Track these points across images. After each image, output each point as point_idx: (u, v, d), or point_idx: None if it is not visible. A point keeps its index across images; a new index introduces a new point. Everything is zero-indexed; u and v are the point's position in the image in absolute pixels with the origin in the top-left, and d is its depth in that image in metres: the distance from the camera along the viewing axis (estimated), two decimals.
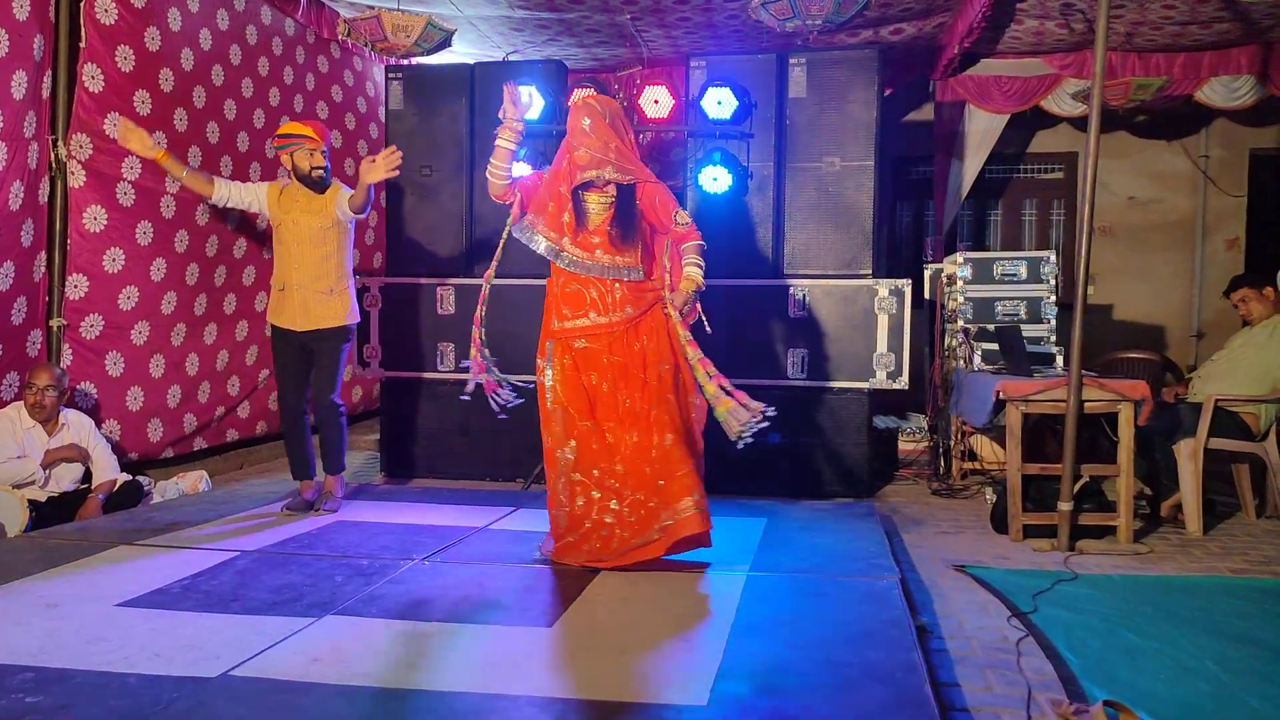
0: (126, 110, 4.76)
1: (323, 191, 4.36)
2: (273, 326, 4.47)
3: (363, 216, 4.42)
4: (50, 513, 4.17)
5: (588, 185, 3.58)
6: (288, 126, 4.36)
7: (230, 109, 5.62)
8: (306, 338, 4.39)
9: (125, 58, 4.74)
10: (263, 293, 5.82)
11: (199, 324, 5.50)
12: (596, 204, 3.61)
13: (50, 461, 4.26)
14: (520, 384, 3.71)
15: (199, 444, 5.57)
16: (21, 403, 4.26)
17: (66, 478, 4.36)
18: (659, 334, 3.63)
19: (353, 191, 4.34)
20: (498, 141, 3.62)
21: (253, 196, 4.40)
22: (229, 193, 4.37)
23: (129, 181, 4.84)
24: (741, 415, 3.46)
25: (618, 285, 3.59)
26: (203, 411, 5.56)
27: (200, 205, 5.30)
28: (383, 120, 6.64)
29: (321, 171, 4.33)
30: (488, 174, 3.63)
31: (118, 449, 4.80)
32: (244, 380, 5.91)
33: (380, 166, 4.14)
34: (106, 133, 4.65)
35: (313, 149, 4.30)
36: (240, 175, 5.64)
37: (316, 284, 4.36)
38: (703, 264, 3.60)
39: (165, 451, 5.28)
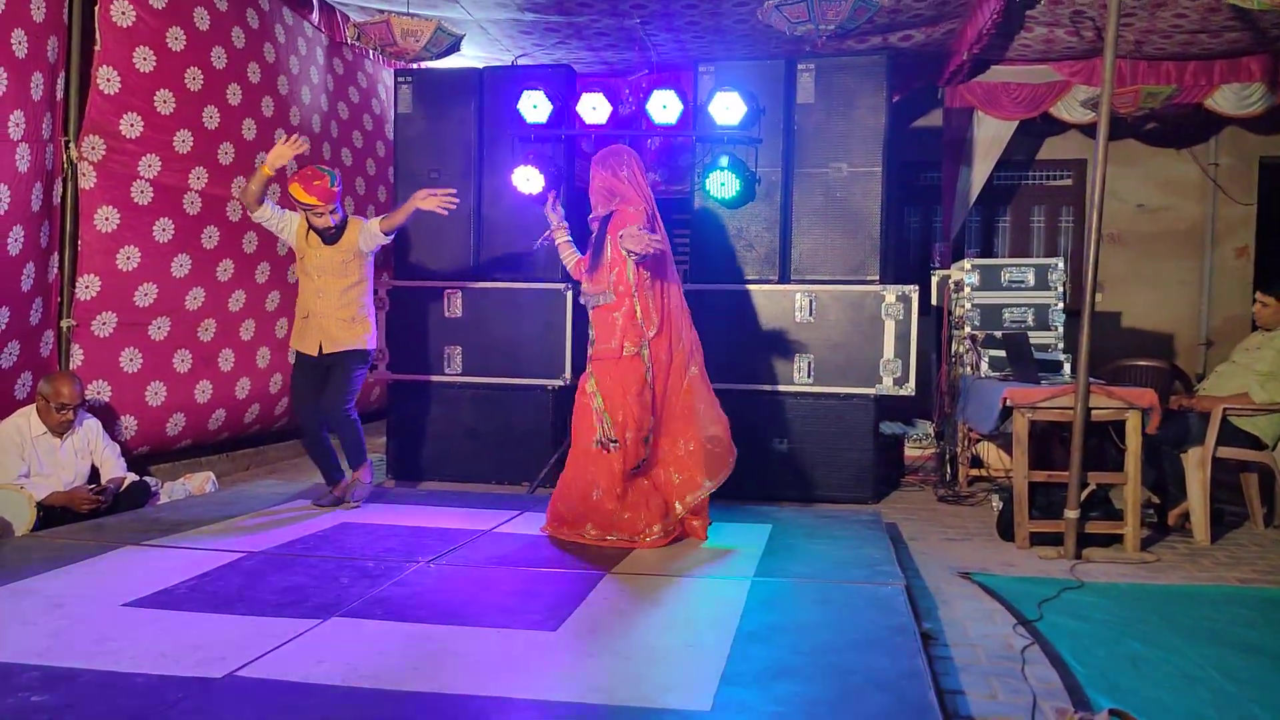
0: (146, 110, 4.78)
1: (338, 238, 4.43)
2: (294, 351, 4.59)
3: (389, 240, 4.47)
4: (58, 512, 4.17)
5: None
6: (297, 191, 4.28)
7: (268, 105, 5.67)
8: (326, 359, 4.48)
9: (145, 58, 4.76)
10: None
11: (235, 320, 5.52)
12: None
13: (55, 503, 4.15)
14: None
15: (223, 438, 5.63)
16: (32, 408, 4.24)
17: (74, 479, 4.36)
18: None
19: (377, 219, 4.43)
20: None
21: (286, 223, 4.48)
22: (270, 214, 4.43)
23: (146, 180, 4.85)
24: None
25: None
26: (237, 407, 5.58)
27: (231, 203, 5.34)
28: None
29: (333, 229, 4.39)
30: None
31: (131, 443, 4.82)
32: (287, 377, 5.95)
33: (434, 202, 4.33)
34: (123, 133, 4.68)
35: (321, 213, 4.32)
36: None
37: (340, 313, 4.46)
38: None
39: (183, 441, 5.32)
